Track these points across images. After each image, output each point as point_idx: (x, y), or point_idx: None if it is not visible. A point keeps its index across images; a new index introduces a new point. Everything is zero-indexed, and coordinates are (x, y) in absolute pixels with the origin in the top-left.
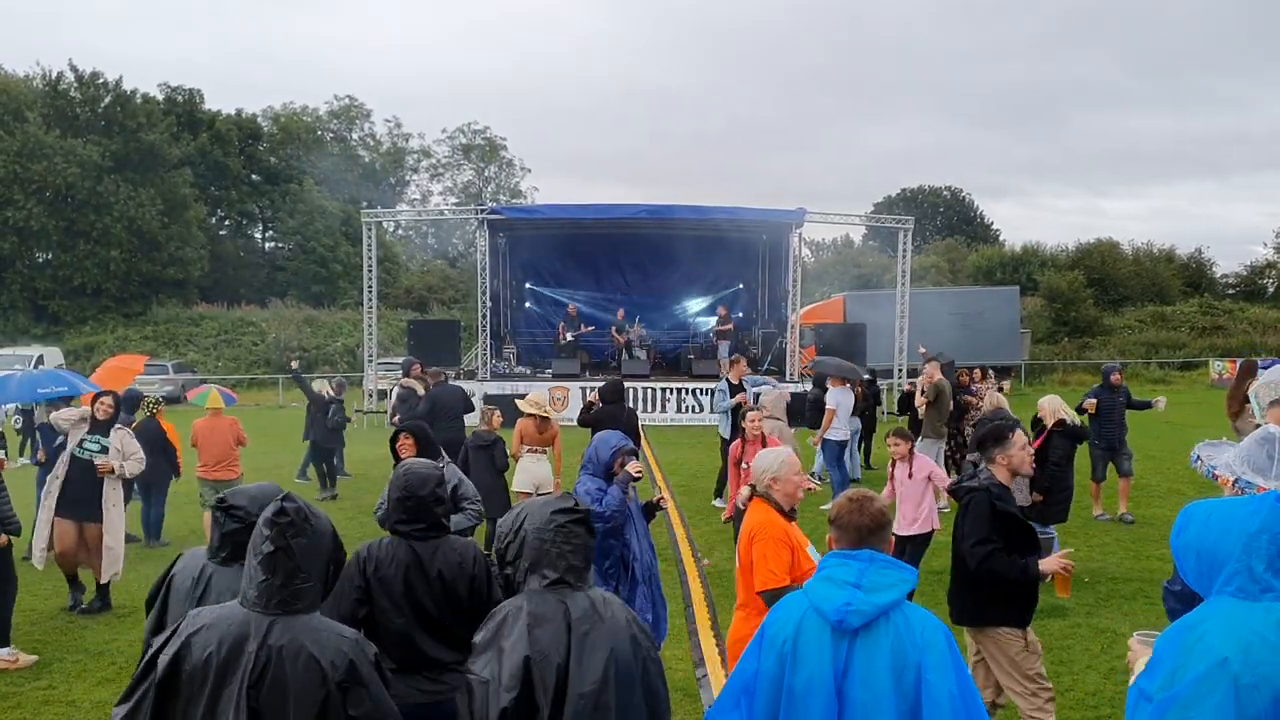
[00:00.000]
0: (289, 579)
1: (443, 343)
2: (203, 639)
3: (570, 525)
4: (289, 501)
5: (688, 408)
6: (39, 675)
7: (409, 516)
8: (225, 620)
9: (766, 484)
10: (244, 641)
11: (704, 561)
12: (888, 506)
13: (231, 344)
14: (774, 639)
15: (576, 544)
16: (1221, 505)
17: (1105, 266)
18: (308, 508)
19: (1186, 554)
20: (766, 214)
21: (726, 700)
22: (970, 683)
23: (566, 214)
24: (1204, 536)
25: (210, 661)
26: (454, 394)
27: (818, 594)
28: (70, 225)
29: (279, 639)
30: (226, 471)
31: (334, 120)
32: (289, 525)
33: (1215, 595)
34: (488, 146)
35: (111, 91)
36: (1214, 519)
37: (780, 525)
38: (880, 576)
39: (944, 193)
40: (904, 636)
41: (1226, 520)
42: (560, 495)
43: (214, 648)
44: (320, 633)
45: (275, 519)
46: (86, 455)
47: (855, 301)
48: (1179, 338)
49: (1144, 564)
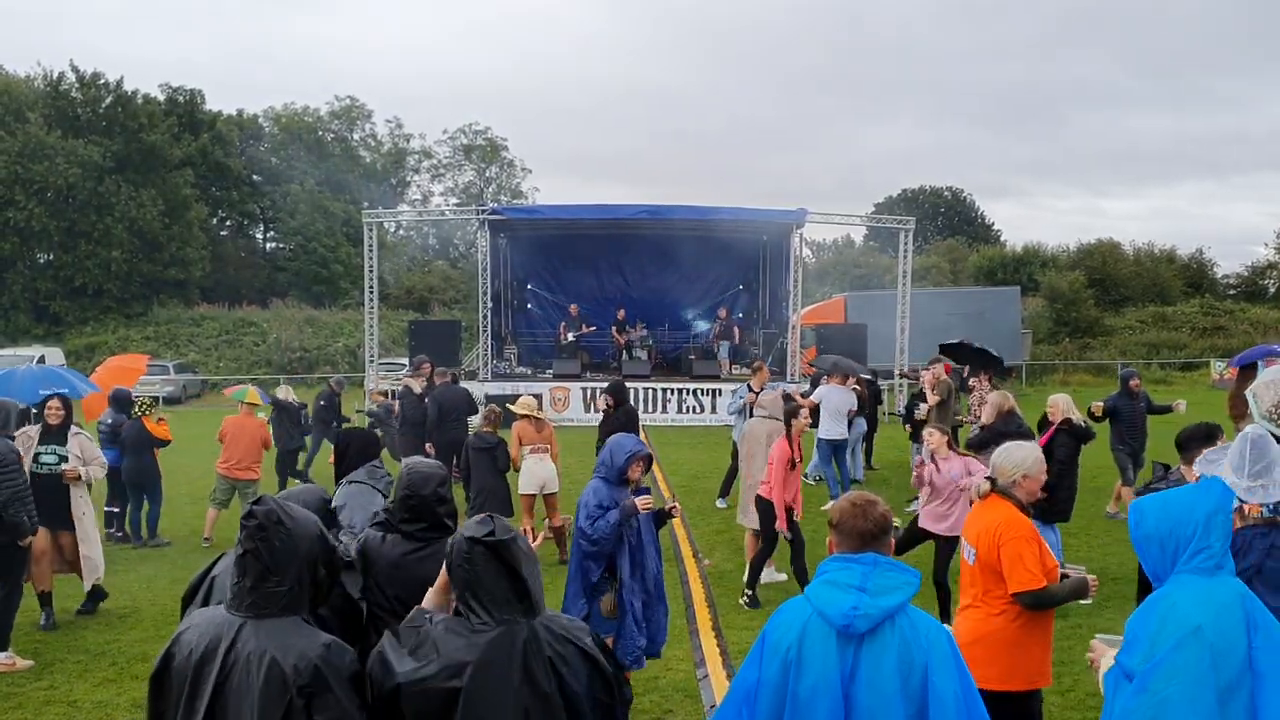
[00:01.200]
0: (259, 581)
1: (444, 343)
2: (189, 639)
3: (487, 554)
4: (260, 505)
5: (688, 408)
6: (40, 676)
7: (411, 515)
8: (208, 622)
9: (1013, 480)
10: (217, 644)
11: (705, 562)
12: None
13: (233, 344)
14: (776, 646)
15: (498, 572)
16: (1171, 495)
17: (1106, 267)
18: (283, 510)
19: (1148, 544)
20: (767, 214)
21: (728, 710)
22: (972, 684)
23: (567, 214)
24: (1163, 524)
25: (190, 661)
26: (459, 395)
27: (821, 599)
28: (71, 226)
29: (245, 643)
30: (248, 472)
31: (335, 121)
32: (258, 528)
33: (1175, 574)
34: (489, 147)
35: (113, 92)
36: (1170, 508)
37: (1027, 523)
38: (885, 580)
39: (945, 193)
40: (910, 639)
41: (1182, 506)
42: (481, 518)
43: (195, 648)
44: (290, 637)
45: (245, 521)
46: (46, 469)
47: (856, 302)
48: (1180, 338)
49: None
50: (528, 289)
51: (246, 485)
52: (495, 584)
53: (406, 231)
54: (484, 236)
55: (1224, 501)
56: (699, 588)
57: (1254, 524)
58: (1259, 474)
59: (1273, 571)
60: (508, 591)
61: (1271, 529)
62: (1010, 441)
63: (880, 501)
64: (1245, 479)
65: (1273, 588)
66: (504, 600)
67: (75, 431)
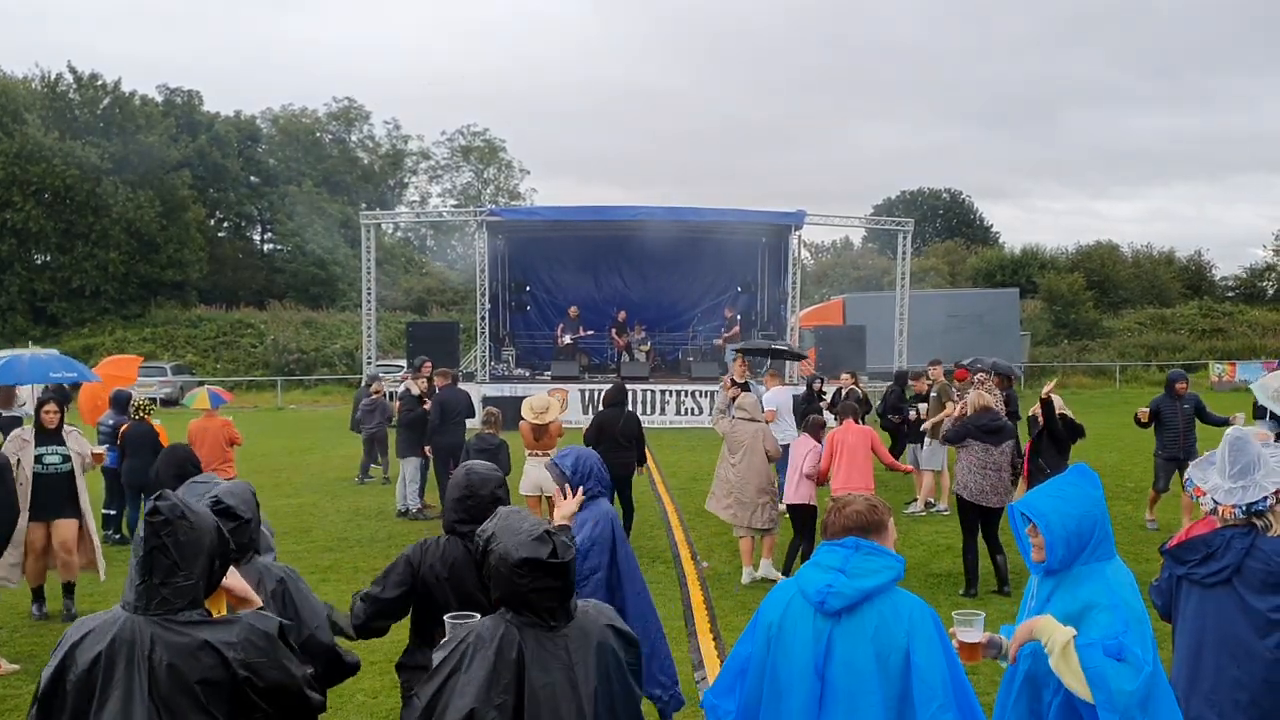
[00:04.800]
0: (168, 576)
1: (442, 345)
2: (87, 647)
3: (543, 575)
4: (163, 500)
5: (687, 410)
6: (35, 678)
7: (468, 516)
8: (109, 625)
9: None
10: (132, 646)
11: (703, 564)
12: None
13: (230, 346)
14: (763, 622)
15: (550, 589)
16: (1051, 495)
17: (1105, 269)
18: (185, 505)
19: (1057, 546)
20: (766, 216)
21: (723, 683)
22: (960, 667)
23: (565, 216)
24: (1066, 525)
25: (96, 669)
26: (460, 398)
27: (804, 578)
28: (69, 227)
29: (168, 638)
30: (220, 473)
31: (333, 122)
32: (164, 523)
33: (1081, 565)
34: (487, 148)
35: (110, 93)
36: (1064, 508)
37: None
38: (865, 562)
39: (943, 195)
40: (889, 620)
41: (1072, 503)
42: (540, 535)
43: (100, 653)
44: (207, 626)
45: (149, 518)
46: (51, 469)
47: (855, 304)
48: (1179, 340)
49: (1144, 566)
50: (526, 290)
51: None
52: (541, 600)
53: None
54: (482, 238)
55: (1098, 482)
56: (697, 590)
57: (1232, 524)
58: (1238, 475)
59: (1252, 571)
60: (556, 606)
61: (1250, 529)
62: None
63: (861, 499)
64: (1226, 481)
65: (1253, 587)
66: (547, 611)
67: (69, 429)
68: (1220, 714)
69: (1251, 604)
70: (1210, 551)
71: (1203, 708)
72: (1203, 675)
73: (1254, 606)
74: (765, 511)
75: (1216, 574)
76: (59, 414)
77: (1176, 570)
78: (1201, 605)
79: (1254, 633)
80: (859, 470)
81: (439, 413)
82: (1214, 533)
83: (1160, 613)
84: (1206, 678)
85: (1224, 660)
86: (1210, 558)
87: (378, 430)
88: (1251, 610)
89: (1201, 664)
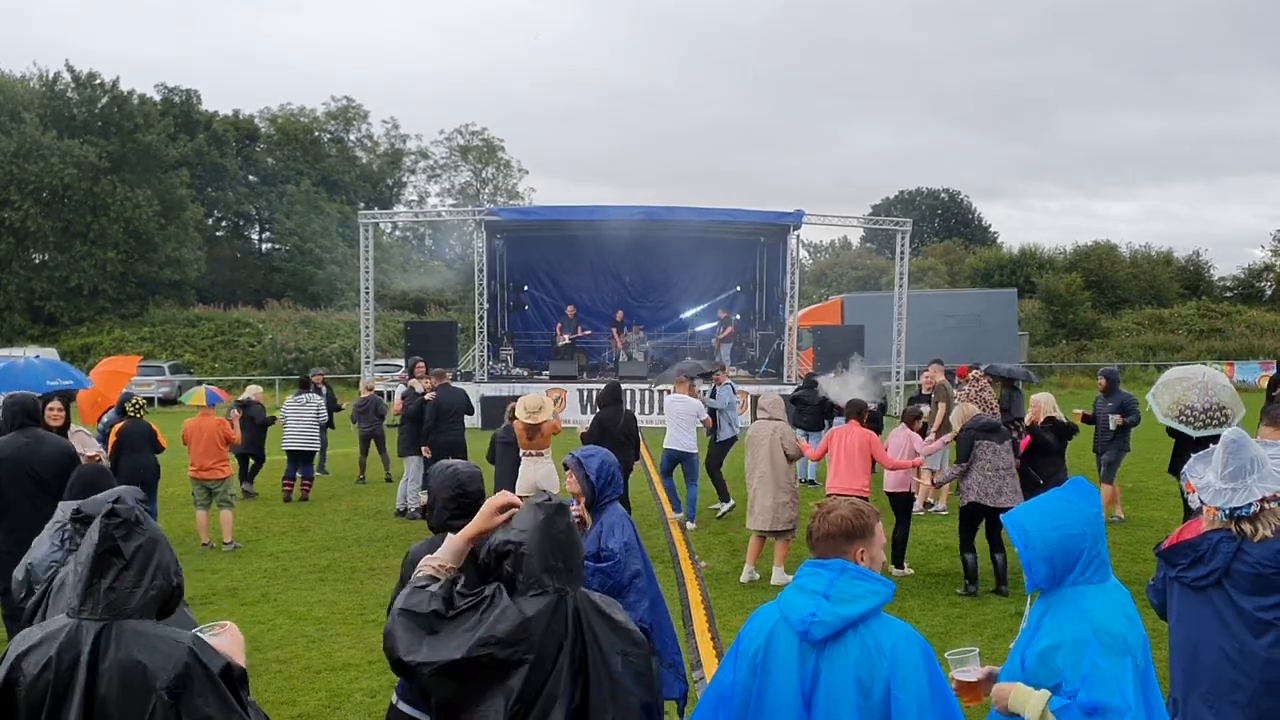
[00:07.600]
0: (118, 579)
1: (440, 344)
2: (35, 657)
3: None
4: (120, 503)
5: None
6: None
7: (461, 512)
8: (56, 634)
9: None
10: (76, 653)
11: (701, 564)
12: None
13: (228, 345)
14: (747, 649)
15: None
16: (1040, 510)
17: (1103, 269)
18: (139, 511)
19: (1038, 565)
20: (764, 216)
21: (703, 711)
22: (951, 698)
23: (564, 216)
24: (1048, 542)
25: (45, 679)
26: (457, 397)
27: (788, 603)
28: (67, 226)
29: (107, 647)
30: (214, 472)
31: (331, 121)
32: (120, 525)
33: (1069, 587)
34: (485, 148)
35: (108, 92)
36: (1047, 523)
37: None
38: (850, 587)
39: (941, 195)
40: (871, 650)
41: (1058, 519)
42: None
43: (49, 663)
44: (151, 638)
45: (105, 519)
46: None
47: (853, 304)
48: (1177, 340)
49: (1141, 566)
50: (524, 290)
51: (217, 484)
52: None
53: (403, 232)
54: (480, 237)
55: (1097, 497)
56: (695, 590)
57: (1220, 527)
58: (1229, 477)
59: (1241, 575)
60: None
61: (1238, 534)
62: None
63: (846, 503)
64: (1218, 481)
65: (1242, 590)
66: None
67: (75, 430)
68: (1218, 714)
69: (1242, 606)
70: (1198, 556)
71: (1200, 708)
72: (1199, 676)
73: (1245, 608)
74: (785, 512)
75: (1205, 577)
76: (64, 412)
77: (1169, 572)
78: (1196, 607)
79: (1248, 633)
80: (855, 472)
81: (435, 412)
82: (1200, 537)
83: (1157, 611)
84: (1203, 678)
85: (1220, 661)
86: (1198, 562)
87: (374, 429)
88: (1244, 612)
89: (1198, 665)
